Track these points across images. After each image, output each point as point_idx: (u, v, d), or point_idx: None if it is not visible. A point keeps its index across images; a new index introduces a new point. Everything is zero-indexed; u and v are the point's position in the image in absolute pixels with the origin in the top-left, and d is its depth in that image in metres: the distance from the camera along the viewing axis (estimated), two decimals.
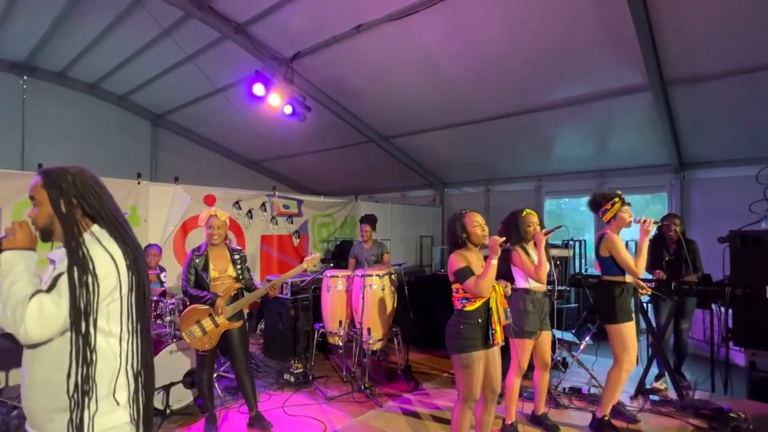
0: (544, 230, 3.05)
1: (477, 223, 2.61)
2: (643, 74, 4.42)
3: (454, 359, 2.57)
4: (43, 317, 1.23)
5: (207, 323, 3.09)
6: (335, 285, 4.43)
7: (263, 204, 5.94)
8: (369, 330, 4.22)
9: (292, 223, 6.31)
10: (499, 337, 2.54)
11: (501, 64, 4.92)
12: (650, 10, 3.69)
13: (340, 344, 4.42)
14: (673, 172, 5.90)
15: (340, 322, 4.40)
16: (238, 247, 3.41)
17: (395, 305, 4.48)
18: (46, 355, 1.30)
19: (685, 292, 3.70)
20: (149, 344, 1.48)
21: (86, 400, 1.28)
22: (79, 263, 1.30)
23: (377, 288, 4.28)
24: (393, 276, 4.51)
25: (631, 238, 6.03)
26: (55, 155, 6.75)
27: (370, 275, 4.27)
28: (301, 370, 4.33)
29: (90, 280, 1.29)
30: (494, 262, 2.45)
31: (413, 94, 5.86)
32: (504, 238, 2.54)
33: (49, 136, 6.97)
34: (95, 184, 1.45)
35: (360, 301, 4.17)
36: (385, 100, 6.16)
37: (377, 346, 4.37)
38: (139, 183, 4.70)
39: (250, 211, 5.76)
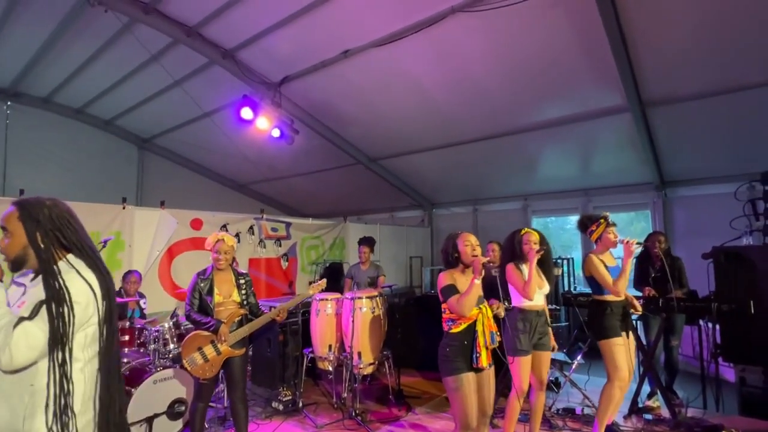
0: (536, 249, 3.06)
1: (468, 243, 2.64)
2: (622, 96, 4.57)
3: (444, 382, 2.56)
4: (30, 343, 1.27)
5: (209, 350, 3.01)
6: (325, 308, 4.37)
7: (251, 227, 5.89)
8: (359, 354, 4.15)
9: (280, 246, 6.26)
10: (484, 361, 2.51)
11: (485, 87, 5.04)
12: (626, 34, 3.84)
13: (330, 369, 4.33)
14: (656, 190, 6.04)
15: (330, 346, 4.32)
16: (244, 272, 3.34)
17: (385, 328, 4.43)
18: (6, 380, 1.32)
19: (673, 309, 3.73)
20: (116, 376, 1.49)
21: (67, 429, 1.30)
22: (56, 295, 1.33)
23: (367, 311, 4.23)
24: (383, 298, 4.47)
25: (618, 256, 6.11)
26: (38, 180, 6.64)
27: (360, 298, 4.23)
28: (290, 397, 4.22)
29: (66, 311, 1.33)
30: (477, 281, 2.47)
31: (400, 116, 5.95)
32: (488, 258, 2.56)
33: (32, 161, 6.88)
34: (69, 216, 1.50)
35: (350, 325, 4.11)
36: (372, 122, 6.24)
37: (368, 370, 4.29)
38: (124, 208, 4.63)
39: (237, 235, 5.69)
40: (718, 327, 3.70)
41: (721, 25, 3.64)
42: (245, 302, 3.19)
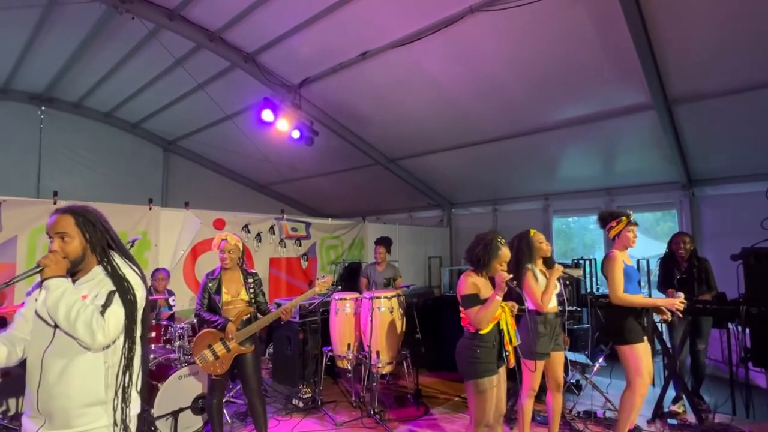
0: (564, 269, 3.13)
1: (503, 264, 2.62)
2: (646, 93, 4.46)
3: (469, 385, 2.55)
4: (117, 323, 1.54)
5: (219, 348, 3.09)
6: (344, 308, 4.42)
7: (272, 227, 6.00)
8: (378, 353, 4.18)
9: (300, 245, 6.34)
10: (513, 359, 2.54)
11: (505, 86, 5.00)
12: (650, 30, 3.75)
13: (349, 368, 4.37)
14: (682, 189, 5.86)
15: (349, 345, 4.36)
16: (253, 271, 3.41)
17: (404, 328, 4.45)
18: (86, 359, 1.55)
19: (699, 312, 3.63)
20: (145, 350, 1.74)
21: (128, 394, 1.59)
22: (122, 285, 1.59)
23: (385, 310, 4.26)
24: (401, 298, 4.49)
25: (642, 257, 5.97)
26: (70, 182, 6.92)
27: (378, 297, 4.26)
28: (310, 394, 4.28)
29: (131, 296, 1.59)
30: (498, 298, 2.47)
31: (419, 116, 5.95)
32: (511, 276, 2.53)
33: (64, 164, 7.16)
34: (104, 218, 1.73)
35: (368, 324, 4.15)
36: (391, 123, 6.26)
37: (386, 369, 4.32)
38: (150, 208, 4.78)
39: (258, 235, 5.80)
40: (748, 331, 3.58)
41: (749, 20, 3.52)
42: (253, 301, 3.26)
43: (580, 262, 6.11)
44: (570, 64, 4.40)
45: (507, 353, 2.52)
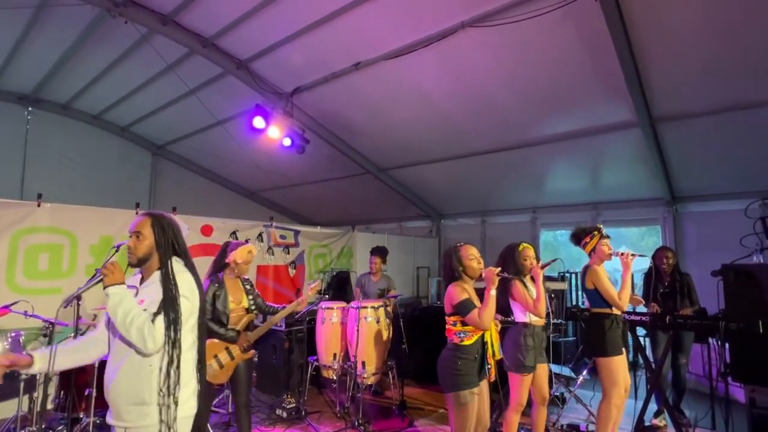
0: (540, 264, 3.05)
1: (473, 257, 2.62)
2: (631, 111, 4.57)
3: (449, 397, 2.53)
4: (162, 332, 1.63)
5: (224, 357, 3.09)
6: (330, 317, 4.40)
7: (260, 234, 5.96)
8: (363, 363, 4.16)
9: (288, 253, 6.31)
10: (494, 372, 2.51)
11: (495, 101, 5.08)
12: (635, 50, 3.85)
13: (334, 378, 4.34)
14: (666, 206, 5.99)
15: (335, 355, 4.34)
16: (246, 276, 3.42)
17: (390, 338, 4.44)
18: (133, 361, 1.67)
19: (680, 326, 3.69)
20: (204, 358, 1.86)
21: (174, 396, 1.66)
22: (169, 293, 1.69)
23: (372, 320, 4.25)
24: (388, 308, 4.49)
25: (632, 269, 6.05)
26: (55, 185, 6.80)
27: (365, 307, 4.25)
28: (294, 405, 4.23)
29: (176, 306, 1.69)
30: (493, 293, 2.45)
31: (410, 127, 6.01)
32: (500, 268, 2.54)
33: (50, 165, 7.05)
34: (177, 227, 1.88)
35: (354, 334, 4.13)
36: (382, 133, 6.30)
37: (371, 380, 4.30)
38: (137, 213, 4.72)
39: (246, 242, 5.74)
40: (727, 346, 3.64)
41: (732, 42, 3.64)
42: (253, 306, 3.28)
43: (566, 275, 6.18)
44: (559, 80, 4.50)
45: (489, 366, 2.49)
